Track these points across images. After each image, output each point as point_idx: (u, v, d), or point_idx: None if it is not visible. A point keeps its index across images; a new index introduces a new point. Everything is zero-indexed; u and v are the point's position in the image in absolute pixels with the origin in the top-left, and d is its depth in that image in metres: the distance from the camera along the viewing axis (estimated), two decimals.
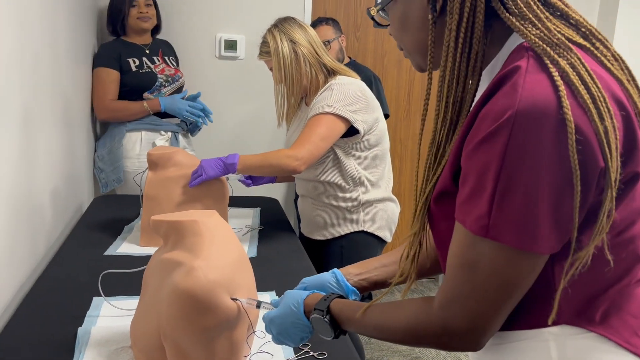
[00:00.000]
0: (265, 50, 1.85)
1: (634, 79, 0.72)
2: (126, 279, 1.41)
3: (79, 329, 1.19)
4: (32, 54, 1.62)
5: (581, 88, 0.64)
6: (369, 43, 3.36)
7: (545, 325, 0.71)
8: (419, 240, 0.81)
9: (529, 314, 0.72)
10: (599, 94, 0.64)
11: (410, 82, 3.45)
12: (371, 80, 2.88)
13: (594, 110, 0.63)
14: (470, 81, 0.73)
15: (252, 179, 1.95)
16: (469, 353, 0.86)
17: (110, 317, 1.26)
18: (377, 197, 1.87)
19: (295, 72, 1.80)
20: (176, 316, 0.95)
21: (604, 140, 0.63)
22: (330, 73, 1.85)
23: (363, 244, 1.85)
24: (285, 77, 1.81)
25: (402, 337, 0.78)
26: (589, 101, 0.63)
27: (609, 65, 0.70)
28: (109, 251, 1.69)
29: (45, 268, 1.55)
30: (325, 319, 0.89)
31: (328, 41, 2.83)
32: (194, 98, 2.57)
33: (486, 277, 0.67)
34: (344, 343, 1.21)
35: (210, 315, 0.94)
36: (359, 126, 1.76)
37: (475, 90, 0.74)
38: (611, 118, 0.64)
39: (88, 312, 1.28)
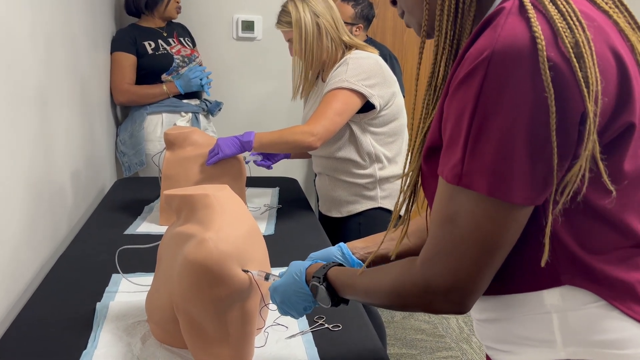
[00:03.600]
0: (285, 20, 1.79)
1: (638, 26, 0.69)
2: (143, 256, 1.43)
3: (98, 303, 1.21)
4: (46, 37, 1.64)
5: (559, 21, 0.61)
6: (387, 20, 3.31)
7: (546, 286, 0.69)
8: (414, 183, 0.78)
9: (528, 275, 0.70)
10: (577, 24, 0.61)
11: (431, 58, 3.40)
12: (386, 59, 2.83)
13: (567, 40, 0.60)
14: (469, 9, 0.70)
15: (268, 158, 1.94)
16: (475, 328, 0.84)
17: (127, 292, 1.28)
18: (394, 173, 1.85)
19: (317, 47, 1.76)
20: (188, 287, 0.96)
21: (582, 81, 0.60)
22: (348, 48, 1.82)
23: (381, 221, 1.84)
24: (305, 51, 1.77)
25: (388, 299, 0.77)
26: (568, 43, 0.60)
27: (607, 8, 0.67)
28: (129, 230, 1.72)
29: (67, 247, 1.58)
30: (322, 286, 0.88)
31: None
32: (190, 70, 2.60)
33: (465, 231, 0.65)
34: (360, 317, 1.21)
35: (221, 286, 0.94)
36: (375, 101, 1.74)
37: (474, 21, 0.71)
38: (590, 50, 0.61)
39: (107, 288, 1.30)
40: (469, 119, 0.62)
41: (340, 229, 1.91)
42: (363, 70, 1.73)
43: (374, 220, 1.85)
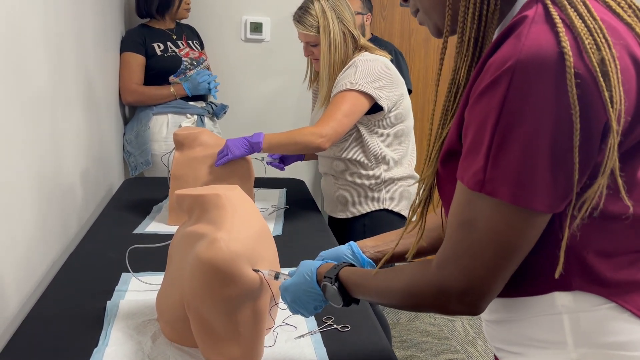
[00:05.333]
0: (310, 24, 1.77)
1: None
2: (153, 255, 1.43)
3: (108, 302, 1.22)
4: (56, 38, 1.65)
5: (585, 37, 0.61)
6: (395, 22, 3.32)
7: (557, 289, 0.69)
8: (430, 187, 0.79)
9: (539, 279, 0.71)
10: (603, 41, 0.62)
11: (438, 61, 3.40)
12: (392, 56, 2.82)
13: (593, 57, 0.60)
14: (493, 16, 0.70)
15: (282, 160, 1.95)
16: (484, 329, 0.84)
17: (137, 291, 1.29)
18: (400, 175, 1.85)
19: (343, 53, 1.78)
20: (199, 286, 0.97)
21: (604, 87, 0.60)
22: (358, 49, 1.83)
23: (386, 222, 1.84)
24: (331, 60, 1.77)
25: (402, 299, 0.78)
26: (595, 60, 0.60)
27: (625, 17, 0.67)
28: (138, 230, 1.73)
29: (77, 246, 1.59)
30: (334, 286, 0.89)
31: None
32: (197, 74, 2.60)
33: (483, 235, 0.66)
34: (368, 317, 1.21)
35: (232, 285, 0.95)
36: (383, 103, 1.75)
37: (496, 27, 0.71)
38: (616, 68, 0.61)
39: (117, 287, 1.31)
40: (492, 127, 0.63)
41: (345, 230, 1.92)
42: (371, 72, 1.74)
43: (379, 222, 1.85)
